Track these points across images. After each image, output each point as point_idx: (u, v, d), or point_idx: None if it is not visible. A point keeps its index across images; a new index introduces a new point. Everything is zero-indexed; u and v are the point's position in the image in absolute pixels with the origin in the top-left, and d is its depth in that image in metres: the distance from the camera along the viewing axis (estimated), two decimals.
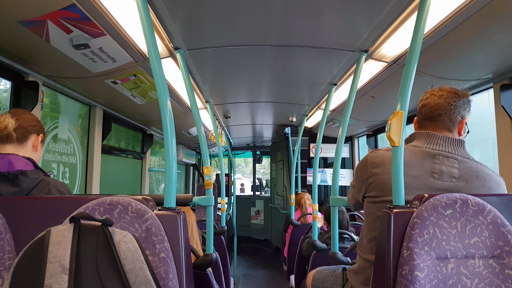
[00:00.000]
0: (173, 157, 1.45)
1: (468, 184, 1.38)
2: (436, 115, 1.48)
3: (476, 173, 1.39)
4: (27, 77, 2.17)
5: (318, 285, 2.11)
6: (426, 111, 1.51)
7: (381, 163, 1.46)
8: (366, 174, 1.51)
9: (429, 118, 1.51)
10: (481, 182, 1.39)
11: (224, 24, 1.91)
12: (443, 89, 1.51)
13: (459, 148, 1.43)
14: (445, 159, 1.40)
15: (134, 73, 2.38)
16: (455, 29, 1.73)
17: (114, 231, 1.01)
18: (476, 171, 1.40)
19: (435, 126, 1.50)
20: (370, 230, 1.50)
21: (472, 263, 1.15)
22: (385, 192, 1.42)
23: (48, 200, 1.30)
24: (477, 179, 1.39)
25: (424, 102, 1.53)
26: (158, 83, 1.46)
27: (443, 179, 1.38)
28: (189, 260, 1.33)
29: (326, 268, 2.17)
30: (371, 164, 1.50)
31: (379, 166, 1.47)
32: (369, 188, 1.51)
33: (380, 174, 1.45)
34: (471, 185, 1.38)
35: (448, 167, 1.39)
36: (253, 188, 9.23)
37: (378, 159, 1.49)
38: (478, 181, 1.39)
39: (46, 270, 0.90)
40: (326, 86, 3.06)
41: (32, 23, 1.59)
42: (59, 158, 2.71)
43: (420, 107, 1.55)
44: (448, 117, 1.47)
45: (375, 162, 1.49)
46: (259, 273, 6.21)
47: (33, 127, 1.57)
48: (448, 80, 2.40)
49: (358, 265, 1.61)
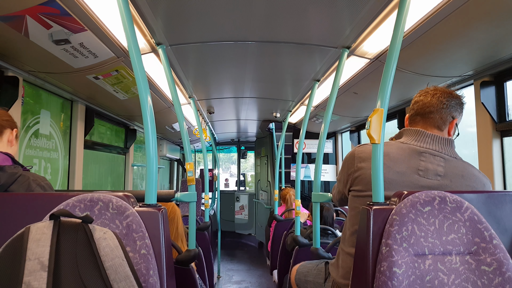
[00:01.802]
0: (154, 153, 1.44)
1: (452, 183, 1.39)
2: (427, 112, 1.50)
3: (461, 173, 1.40)
4: (7, 72, 2.13)
5: (302, 278, 2.13)
6: (418, 107, 1.53)
7: (368, 158, 1.46)
8: (352, 168, 1.52)
9: (420, 114, 1.52)
10: (466, 182, 1.40)
11: (206, 19, 1.90)
12: (437, 88, 1.53)
13: (446, 147, 1.44)
14: (431, 157, 1.41)
15: (116, 69, 2.36)
16: (435, 27, 1.76)
17: (94, 228, 1.01)
18: (461, 170, 1.41)
19: (425, 123, 1.51)
20: (353, 223, 1.51)
21: (449, 259, 1.17)
22: (370, 186, 1.40)
23: (27, 197, 1.28)
24: (462, 179, 1.40)
25: (417, 99, 1.54)
26: (139, 79, 1.45)
27: (428, 177, 1.39)
28: (170, 256, 1.33)
29: (310, 262, 2.19)
30: (358, 158, 1.51)
31: (366, 160, 1.47)
32: (354, 182, 1.51)
33: (366, 169, 1.45)
34: (455, 184, 1.39)
35: (434, 165, 1.40)
36: (238, 183, 9.24)
37: (365, 154, 1.49)
38: (463, 180, 1.40)
39: (25, 267, 0.89)
40: (309, 82, 3.07)
41: (10, 18, 1.56)
42: (40, 154, 2.67)
43: (412, 103, 1.57)
44: (439, 115, 1.48)
45: (361, 156, 1.50)
46: (242, 268, 6.24)
47: (7, 121, 1.55)
48: (430, 77, 2.44)
49: (339, 258, 1.62)
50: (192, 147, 7.79)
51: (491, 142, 2.31)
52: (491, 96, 2.33)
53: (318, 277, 2.00)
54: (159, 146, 6.08)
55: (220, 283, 5.35)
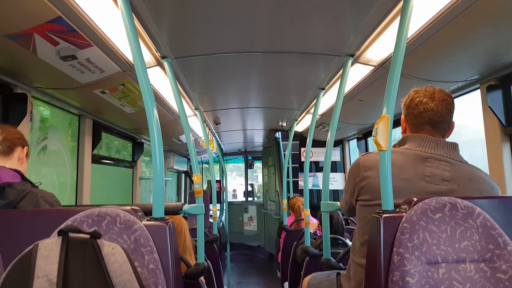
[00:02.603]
0: (161, 166, 1.44)
1: (460, 187, 1.36)
2: (438, 121, 1.46)
3: (468, 176, 1.38)
4: (16, 89, 2.15)
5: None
6: (429, 116, 1.47)
7: (373, 166, 1.45)
8: (358, 178, 1.50)
9: (430, 123, 1.48)
10: (474, 185, 1.37)
11: (210, 32, 1.91)
12: (435, 90, 1.50)
13: (451, 151, 1.42)
14: (437, 162, 1.39)
15: (122, 83, 2.37)
16: (438, 32, 1.76)
17: (103, 243, 1.00)
18: (468, 174, 1.39)
19: (434, 131, 1.48)
20: (363, 233, 1.48)
21: (463, 267, 1.14)
22: (378, 195, 1.39)
23: (36, 213, 1.28)
24: (469, 182, 1.37)
25: (425, 107, 1.48)
26: (145, 93, 1.45)
27: (435, 182, 1.37)
28: (178, 270, 1.32)
29: (321, 273, 2.17)
30: (363, 168, 1.48)
31: (371, 169, 1.45)
32: (361, 191, 1.49)
33: (372, 178, 1.44)
34: (463, 188, 1.36)
35: (440, 170, 1.38)
36: (246, 194, 9.20)
37: (370, 163, 1.47)
38: (471, 184, 1.37)
39: (34, 285, 0.89)
40: (314, 90, 3.07)
41: (18, 36, 1.58)
42: (49, 169, 2.68)
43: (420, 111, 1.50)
44: (447, 123, 1.48)
45: (367, 165, 1.48)
46: (252, 280, 6.18)
47: (18, 139, 1.57)
48: (435, 82, 2.42)
49: (350, 270, 1.59)
50: (200, 158, 7.80)
51: (501, 146, 2.28)
52: (498, 100, 2.30)
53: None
54: (167, 158, 6.09)
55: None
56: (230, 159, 10.09)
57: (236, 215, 8.69)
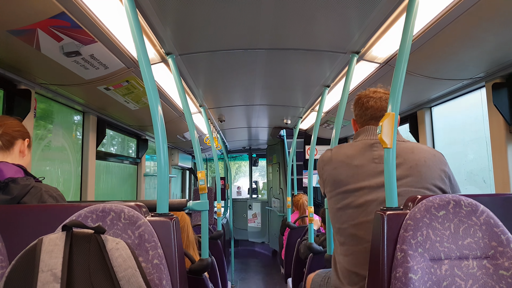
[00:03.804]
0: (165, 162, 1.45)
1: (406, 159, 1.51)
2: (380, 116, 1.65)
3: (411, 150, 1.53)
4: (19, 85, 2.16)
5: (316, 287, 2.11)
6: (372, 113, 1.68)
7: (329, 161, 1.64)
8: (321, 172, 1.70)
9: (374, 118, 1.67)
10: (417, 156, 1.51)
11: (215, 28, 1.91)
12: (378, 91, 1.71)
13: None
14: (381, 145, 1.51)
15: (126, 79, 2.38)
16: (444, 30, 1.74)
17: (107, 238, 1.01)
18: (411, 148, 1.54)
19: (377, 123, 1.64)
20: (334, 223, 1.65)
21: (466, 264, 1.15)
22: (336, 185, 1.58)
23: (40, 208, 1.29)
24: (412, 154, 1.52)
25: (368, 105, 1.70)
26: (149, 89, 1.46)
27: (383, 162, 1.50)
28: (182, 265, 1.32)
29: (325, 270, 2.18)
30: (321, 163, 1.69)
31: (328, 163, 1.64)
32: (325, 183, 1.67)
33: (329, 170, 1.62)
34: (408, 159, 1.50)
35: None
36: (250, 191, 9.22)
37: (327, 158, 1.66)
38: (414, 155, 1.51)
39: (38, 279, 0.90)
40: (319, 88, 3.06)
41: (22, 32, 1.58)
42: (53, 165, 2.70)
43: (363, 110, 1.72)
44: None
45: (324, 160, 1.67)
46: (256, 277, 6.20)
47: (18, 132, 1.55)
48: (440, 80, 2.41)
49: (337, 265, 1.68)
50: (204, 155, 7.81)
51: (506, 145, 2.27)
52: (504, 98, 2.29)
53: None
54: (171, 155, 6.11)
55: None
56: (234, 156, 10.10)
57: (240, 212, 8.71)
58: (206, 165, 9.44)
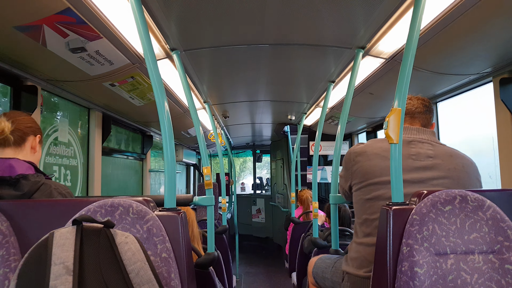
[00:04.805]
0: (172, 158, 1.46)
1: (444, 161, 1.53)
2: (416, 112, 1.69)
3: (450, 153, 1.56)
4: (26, 81, 2.17)
5: (319, 273, 2.15)
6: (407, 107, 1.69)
7: (363, 152, 1.67)
8: (350, 163, 1.72)
9: (409, 114, 1.70)
10: (455, 160, 1.54)
11: (220, 24, 1.91)
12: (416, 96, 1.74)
13: (431, 136, 1.63)
14: (419, 144, 1.58)
15: (131, 75, 2.38)
16: (451, 24, 1.74)
17: (116, 232, 1.02)
18: (449, 152, 1.57)
19: (413, 121, 1.69)
20: (360, 214, 1.67)
21: (472, 258, 1.16)
22: (368, 176, 1.61)
23: (50, 203, 1.31)
24: (451, 158, 1.54)
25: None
26: (155, 85, 1.46)
27: (421, 159, 1.54)
28: (190, 259, 1.34)
29: (329, 257, 2.19)
30: (353, 154, 1.71)
31: (361, 154, 1.67)
32: (354, 175, 1.69)
33: (362, 162, 1.65)
34: (446, 162, 1.53)
35: (424, 150, 1.57)
36: (254, 187, 9.25)
37: (359, 149, 1.69)
38: (453, 159, 1.54)
39: (51, 272, 0.91)
40: (324, 83, 3.06)
41: (28, 28, 1.59)
42: (60, 161, 2.71)
43: None
44: (424, 116, 1.69)
45: (357, 151, 1.70)
46: (261, 271, 6.23)
47: (30, 128, 1.56)
48: (447, 75, 2.41)
49: (351, 251, 1.73)
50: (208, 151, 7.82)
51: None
52: (511, 93, 2.28)
53: (335, 275, 2.00)
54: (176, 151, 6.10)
55: (239, 286, 5.35)
56: (238, 152, 10.11)
57: (244, 207, 8.74)
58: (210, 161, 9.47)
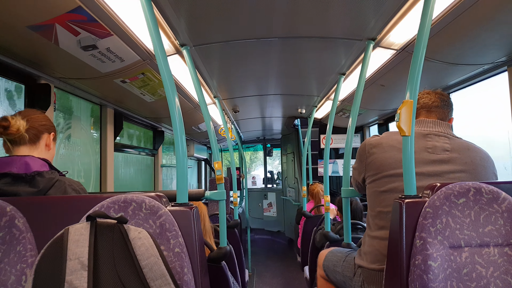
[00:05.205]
0: (184, 153, 1.46)
1: (461, 155, 1.52)
2: (432, 106, 1.66)
3: (467, 146, 1.54)
4: (39, 80, 2.20)
5: (330, 266, 2.12)
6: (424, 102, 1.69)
7: (378, 144, 1.65)
8: (365, 155, 1.70)
9: (425, 107, 1.68)
10: (473, 154, 1.52)
11: (229, 18, 1.91)
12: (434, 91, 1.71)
13: (448, 129, 1.60)
14: (436, 137, 1.57)
15: (142, 72, 2.40)
16: (464, 13, 1.71)
17: (129, 228, 1.03)
18: (466, 145, 1.55)
19: (429, 115, 1.66)
20: (374, 206, 1.66)
21: (487, 251, 1.15)
22: (383, 168, 1.60)
23: (65, 199, 1.32)
24: (468, 151, 1.53)
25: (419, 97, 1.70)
26: (166, 81, 1.47)
27: (437, 153, 1.53)
28: (203, 254, 1.34)
29: (340, 250, 2.17)
30: (369, 145, 1.69)
31: (376, 146, 1.65)
32: (368, 166, 1.68)
33: (378, 153, 1.63)
34: (463, 155, 1.52)
35: (440, 143, 1.55)
36: (265, 181, 9.26)
37: (375, 141, 1.68)
38: (470, 152, 1.52)
39: (67, 267, 0.93)
40: (335, 76, 3.04)
41: (40, 27, 1.61)
42: (73, 158, 2.75)
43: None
44: (442, 110, 1.66)
45: (372, 143, 1.68)
46: (273, 265, 6.24)
47: (44, 126, 1.58)
48: (460, 66, 2.37)
49: (365, 245, 1.72)
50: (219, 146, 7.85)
51: None
52: None
53: (346, 269, 1.98)
54: (187, 146, 6.15)
55: (252, 280, 5.37)
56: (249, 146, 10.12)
57: (256, 202, 8.76)
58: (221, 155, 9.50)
